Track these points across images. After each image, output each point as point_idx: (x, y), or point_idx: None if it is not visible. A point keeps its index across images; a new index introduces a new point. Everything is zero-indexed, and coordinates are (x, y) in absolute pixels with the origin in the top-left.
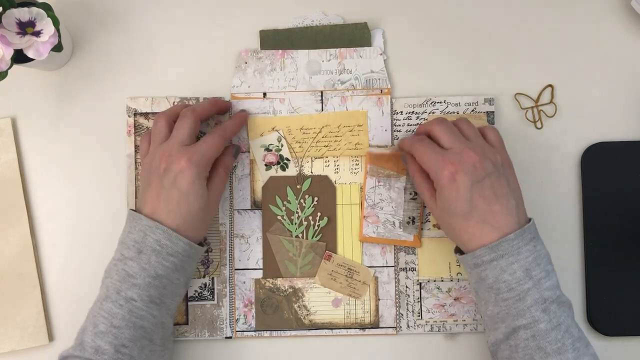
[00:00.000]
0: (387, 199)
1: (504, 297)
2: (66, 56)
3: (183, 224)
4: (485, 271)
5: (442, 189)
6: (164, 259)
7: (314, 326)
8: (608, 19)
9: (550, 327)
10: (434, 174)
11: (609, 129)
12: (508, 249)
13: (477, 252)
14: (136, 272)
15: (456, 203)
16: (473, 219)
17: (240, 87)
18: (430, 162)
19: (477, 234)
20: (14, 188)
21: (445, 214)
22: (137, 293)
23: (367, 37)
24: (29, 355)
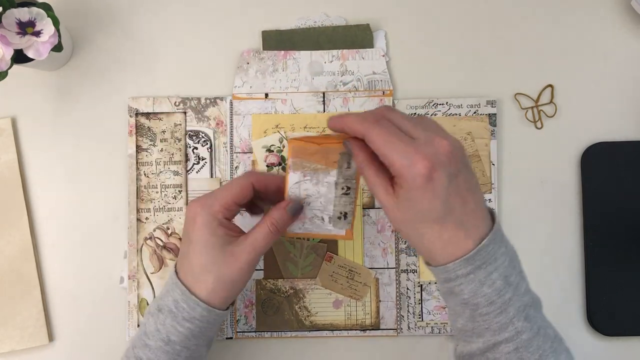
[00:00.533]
0: (314, 194)
1: (482, 312)
2: (66, 56)
3: (196, 283)
4: (460, 286)
5: (412, 189)
6: (179, 323)
7: (315, 327)
8: (608, 19)
9: (532, 335)
10: (400, 168)
11: (609, 129)
12: (485, 258)
13: (449, 266)
14: (151, 332)
15: (430, 206)
16: (448, 224)
17: (242, 88)
18: (395, 153)
19: (452, 242)
20: (14, 188)
21: (412, 219)
22: (148, 356)
23: (369, 39)
24: (29, 355)
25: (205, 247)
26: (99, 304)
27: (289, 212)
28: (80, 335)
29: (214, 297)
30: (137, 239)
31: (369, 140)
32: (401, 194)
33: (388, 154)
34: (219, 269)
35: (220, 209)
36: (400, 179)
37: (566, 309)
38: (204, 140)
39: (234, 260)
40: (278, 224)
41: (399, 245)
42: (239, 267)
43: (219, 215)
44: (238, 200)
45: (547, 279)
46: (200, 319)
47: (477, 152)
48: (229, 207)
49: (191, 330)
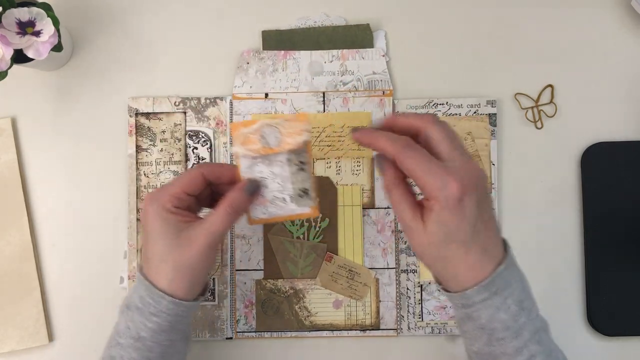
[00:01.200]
0: (270, 176)
1: (499, 337)
2: (66, 56)
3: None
4: (477, 312)
5: (444, 210)
6: (146, 318)
7: (315, 327)
8: (608, 19)
9: (544, 357)
10: (433, 190)
11: (609, 129)
12: (501, 284)
13: (467, 293)
14: (121, 330)
15: (459, 228)
16: (474, 248)
17: (242, 88)
18: (429, 175)
19: (476, 266)
20: (14, 188)
21: (440, 242)
22: (120, 354)
23: (369, 39)
24: (29, 355)
25: (159, 236)
26: (99, 304)
27: (246, 192)
28: (80, 335)
29: (176, 286)
30: (137, 239)
31: (400, 161)
32: (431, 216)
33: (421, 176)
34: (175, 256)
35: (169, 199)
36: (432, 200)
37: (566, 309)
38: (204, 140)
39: (190, 244)
40: (235, 204)
41: (399, 246)
42: (196, 251)
43: (167, 205)
44: (187, 190)
45: (547, 279)
46: (167, 312)
47: (477, 152)
48: (179, 197)
49: (159, 325)
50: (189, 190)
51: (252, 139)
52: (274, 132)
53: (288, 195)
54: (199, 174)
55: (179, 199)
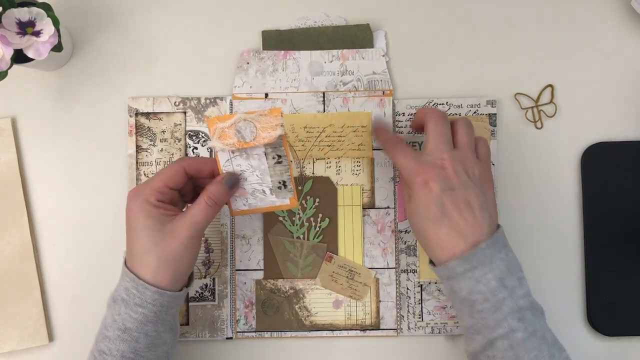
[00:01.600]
0: (248, 169)
1: (479, 309)
2: (66, 56)
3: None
4: (458, 283)
5: (415, 192)
6: (132, 309)
7: (315, 327)
8: (608, 19)
9: (527, 335)
10: (407, 178)
11: (609, 129)
12: (481, 259)
13: (449, 264)
14: (108, 323)
15: (428, 206)
16: (444, 226)
17: (242, 88)
18: (403, 167)
19: (448, 243)
20: (14, 188)
21: (417, 218)
22: (108, 347)
23: (369, 39)
24: (29, 355)
25: (143, 230)
26: (99, 304)
27: (225, 185)
28: (80, 335)
29: (160, 277)
30: None
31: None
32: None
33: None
34: (159, 247)
35: (151, 192)
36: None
37: (566, 309)
38: (204, 140)
39: (173, 236)
40: (215, 196)
41: (399, 246)
42: (179, 243)
43: (150, 199)
44: (169, 184)
45: (547, 279)
46: (152, 302)
47: None
48: (161, 190)
49: (145, 315)
50: (171, 184)
51: (228, 133)
52: (249, 127)
53: (267, 187)
54: (180, 168)
55: (162, 193)
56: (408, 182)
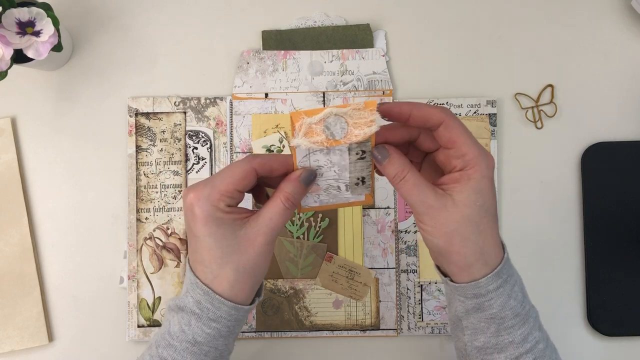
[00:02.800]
0: (326, 164)
1: (508, 325)
2: (66, 56)
3: (215, 279)
4: (489, 301)
5: (484, 179)
6: (205, 324)
7: (315, 327)
8: (608, 19)
9: (545, 345)
10: (474, 158)
11: (609, 129)
12: (508, 271)
13: (482, 282)
14: (175, 332)
15: (492, 201)
16: (496, 221)
17: (242, 88)
18: (474, 144)
19: (498, 244)
20: (14, 188)
21: (476, 214)
22: (173, 357)
23: (369, 39)
24: (29, 355)
25: (215, 241)
26: (99, 304)
27: (302, 182)
28: (80, 335)
29: (238, 290)
30: (137, 239)
31: (449, 126)
32: (469, 185)
33: (466, 142)
34: (236, 258)
35: (220, 197)
36: (473, 168)
37: (566, 309)
38: (204, 140)
39: (250, 244)
40: (292, 197)
41: (399, 245)
42: (257, 251)
43: (220, 205)
44: (239, 187)
45: (547, 279)
46: (227, 317)
47: None
48: (231, 195)
49: (219, 330)
50: (241, 187)
51: (315, 129)
52: (340, 123)
53: (344, 183)
54: (252, 170)
55: (231, 198)
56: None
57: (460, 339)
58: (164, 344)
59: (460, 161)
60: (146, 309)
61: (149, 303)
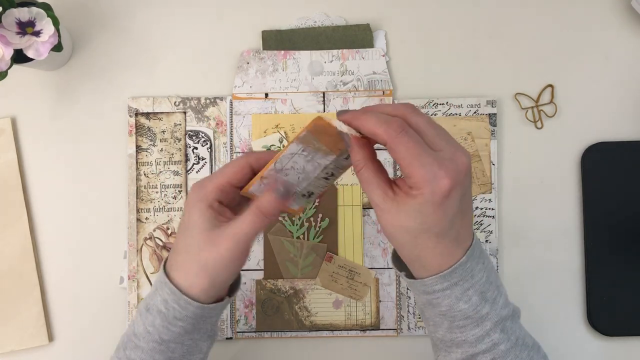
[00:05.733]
0: (298, 169)
1: (459, 325)
2: (66, 56)
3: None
4: (437, 299)
5: (427, 203)
6: (170, 323)
7: (315, 327)
8: (608, 19)
9: (510, 345)
10: (421, 182)
11: (609, 129)
12: (462, 275)
13: (427, 281)
14: (140, 333)
15: (437, 222)
16: (447, 239)
17: (242, 88)
18: (419, 165)
19: (444, 254)
20: (14, 188)
21: (413, 229)
22: (140, 357)
23: (369, 39)
24: (29, 355)
25: (192, 229)
26: (99, 304)
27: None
28: (80, 335)
29: (192, 284)
30: (137, 239)
31: (392, 148)
32: (410, 203)
33: (411, 164)
34: (194, 251)
35: (213, 190)
36: (417, 190)
37: (566, 309)
38: (204, 140)
39: (212, 245)
40: (264, 207)
41: None
42: (217, 253)
43: (210, 197)
44: (233, 181)
45: (547, 279)
46: (193, 316)
47: (477, 152)
48: (223, 189)
49: (184, 328)
50: (235, 181)
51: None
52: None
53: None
54: (246, 164)
55: (223, 191)
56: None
57: (427, 329)
58: (131, 345)
59: (407, 180)
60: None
61: None
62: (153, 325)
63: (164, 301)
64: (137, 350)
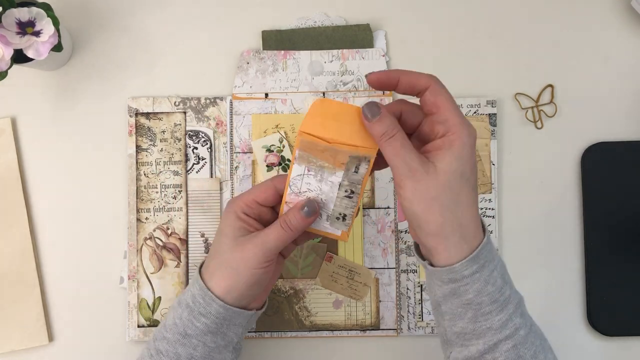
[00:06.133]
0: (315, 190)
1: (485, 311)
2: (66, 56)
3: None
4: (465, 286)
5: (465, 147)
6: (195, 317)
7: (315, 327)
8: (608, 19)
9: (527, 331)
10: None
11: (609, 129)
12: (487, 256)
13: (456, 267)
14: (169, 325)
15: (472, 170)
16: (476, 197)
17: (242, 88)
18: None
19: (478, 220)
20: (14, 188)
21: (456, 182)
22: (165, 348)
23: (369, 39)
24: (29, 355)
25: (221, 236)
26: (99, 304)
27: (303, 212)
28: (80, 335)
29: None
30: (137, 239)
31: (434, 91)
32: (451, 152)
33: (449, 109)
34: (223, 254)
35: (241, 205)
36: (455, 135)
37: (566, 309)
38: (204, 140)
39: (240, 250)
40: (291, 223)
41: (399, 246)
42: (242, 257)
43: (238, 210)
44: (258, 199)
45: (547, 279)
46: (216, 314)
47: (477, 152)
48: (250, 205)
49: (207, 325)
50: (260, 200)
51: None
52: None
53: (326, 214)
54: (272, 186)
55: (249, 207)
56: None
57: (440, 324)
58: (160, 336)
59: (442, 127)
60: (146, 309)
61: (149, 303)
62: (180, 318)
63: (192, 296)
64: (164, 341)
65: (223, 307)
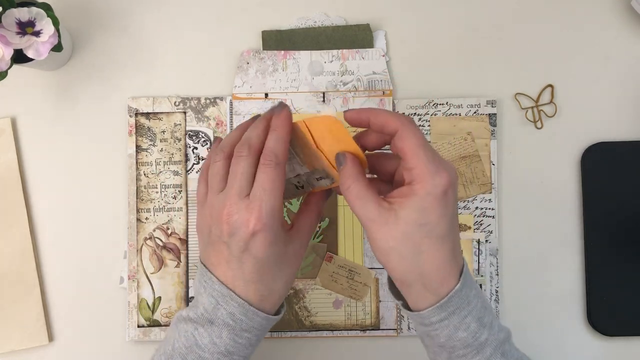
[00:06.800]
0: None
1: (459, 354)
2: (66, 56)
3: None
4: (435, 331)
5: (429, 196)
6: (237, 335)
7: (315, 327)
8: (608, 19)
9: None
10: (424, 174)
11: (609, 129)
12: (458, 303)
13: (424, 313)
14: (205, 345)
15: (439, 221)
16: (447, 244)
17: (242, 88)
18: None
19: (446, 269)
20: (14, 188)
21: (416, 232)
22: None
23: (369, 39)
24: (29, 355)
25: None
26: (99, 304)
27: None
28: (80, 335)
29: (273, 301)
30: (137, 239)
31: (402, 136)
32: (412, 201)
33: (416, 155)
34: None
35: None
36: (419, 184)
37: (566, 309)
38: (204, 140)
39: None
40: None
41: None
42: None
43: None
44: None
45: (547, 279)
46: (259, 327)
47: (477, 152)
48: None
49: (249, 340)
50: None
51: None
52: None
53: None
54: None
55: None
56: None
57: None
58: (193, 356)
59: (408, 174)
60: (146, 309)
61: (149, 303)
62: (220, 337)
63: (230, 314)
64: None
65: (266, 319)
